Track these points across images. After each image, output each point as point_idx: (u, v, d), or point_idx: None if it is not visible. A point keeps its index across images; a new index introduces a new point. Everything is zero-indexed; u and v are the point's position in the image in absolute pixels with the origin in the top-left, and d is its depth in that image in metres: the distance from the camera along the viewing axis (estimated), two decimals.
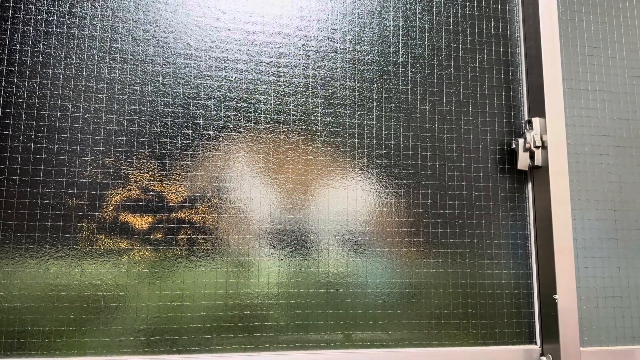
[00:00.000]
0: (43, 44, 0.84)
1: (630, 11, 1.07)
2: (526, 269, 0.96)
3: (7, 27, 0.83)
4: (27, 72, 0.83)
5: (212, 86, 0.89)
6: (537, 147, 0.94)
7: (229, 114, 0.89)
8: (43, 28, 0.84)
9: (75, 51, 0.85)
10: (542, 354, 0.92)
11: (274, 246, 0.87)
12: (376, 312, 0.89)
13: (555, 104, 0.94)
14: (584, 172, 0.99)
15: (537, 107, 0.96)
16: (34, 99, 0.83)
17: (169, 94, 0.87)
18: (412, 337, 0.90)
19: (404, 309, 0.91)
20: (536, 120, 0.95)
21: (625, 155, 1.02)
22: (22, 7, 0.84)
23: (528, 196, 0.98)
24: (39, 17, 0.84)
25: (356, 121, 0.93)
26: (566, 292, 0.89)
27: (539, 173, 0.95)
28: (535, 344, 0.94)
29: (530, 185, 0.98)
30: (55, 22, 0.85)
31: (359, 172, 0.92)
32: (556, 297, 0.89)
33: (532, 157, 0.95)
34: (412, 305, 0.91)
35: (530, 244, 0.97)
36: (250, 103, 0.90)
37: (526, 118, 1.00)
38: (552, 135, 0.93)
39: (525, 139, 0.95)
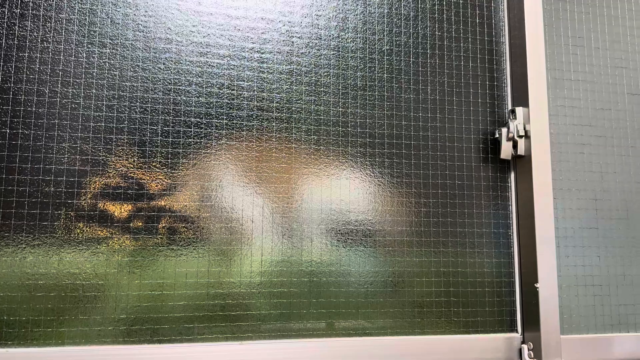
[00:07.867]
0: (19, 26, 0.82)
1: (613, 2, 1.07)
2: (508, 257, 0.96)
3: None
4: (2, 56, 0.80)
5: (194, 72, 0.87)
6: (520, 137, 0.95)
7: (211, 100, 0.87)
8: (19, 10, 0.82)
9: (52, 34, 0.83)
10: (523, 342, 0.93)
11: (256, 234, 0.86)
12: (359, 300, 0.89)
13: (538, 94, 0.95)
14: (566, 162, 1.00)
15: (521, 97, 0.97)
16: (10, 83, 0.80)
17: (149, 80, 0.85)
18: (395, 326, 0.90)
19: (386, 298, 0.91)
20: (519, 110, 0.96)
21: (607, 145, 1.02)
22: None
23: (511, 185, 0.98)
24: None
25: (340, 109, 0.93)
26: (547, 281, 0.90)
27: (522, 162, 0.96)
28: (517, 332, 0.94)
29: (512, 175, 0.98)
30: (31, 4, 0.82)
31: (343, 160, 0.92)
32: (537, 285, 0.90)
33: (515, 146, 0.96)
34: (395, 294, 0.91)
35: (512, 233, 0.97)
36: (233, 89, 0.88)
37: (510, 107, 1.00)
38: (535, 125, 0.94)
39: (508, 128, 0.95)
